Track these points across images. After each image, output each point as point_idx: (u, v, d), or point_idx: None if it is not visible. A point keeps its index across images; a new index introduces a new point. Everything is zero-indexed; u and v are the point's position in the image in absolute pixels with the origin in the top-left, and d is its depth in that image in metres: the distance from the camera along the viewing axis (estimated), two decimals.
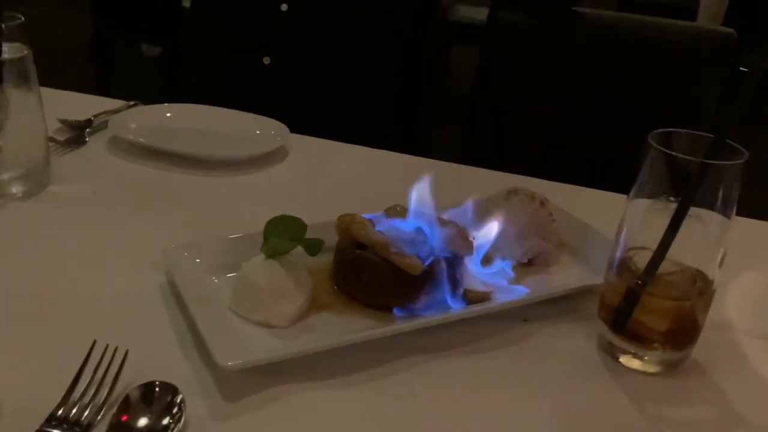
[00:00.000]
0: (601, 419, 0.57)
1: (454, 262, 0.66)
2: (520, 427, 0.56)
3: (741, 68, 0.55)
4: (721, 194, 0.58)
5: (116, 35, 3.31)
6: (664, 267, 0.59)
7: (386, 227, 0.68)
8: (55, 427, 0.49)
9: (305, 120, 1.04)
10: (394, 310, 0.64)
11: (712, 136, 0.57)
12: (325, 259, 0.69)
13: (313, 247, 0.64)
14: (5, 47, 0.77)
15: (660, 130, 0.59)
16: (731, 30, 1.29)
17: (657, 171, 0.58)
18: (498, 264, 0.71)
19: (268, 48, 1.24)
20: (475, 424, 0.55)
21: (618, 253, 0.62)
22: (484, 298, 0.66)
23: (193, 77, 1.42)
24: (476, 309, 0.65)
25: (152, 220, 0.80)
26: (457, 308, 0.65)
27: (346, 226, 0.67)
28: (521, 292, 0.68)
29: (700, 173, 0.56)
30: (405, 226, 0.68)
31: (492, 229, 0.71)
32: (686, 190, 0.57)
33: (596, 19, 1.34)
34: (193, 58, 1.43)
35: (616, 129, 1.24)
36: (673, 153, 0.57)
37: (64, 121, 0.99)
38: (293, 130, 1.02)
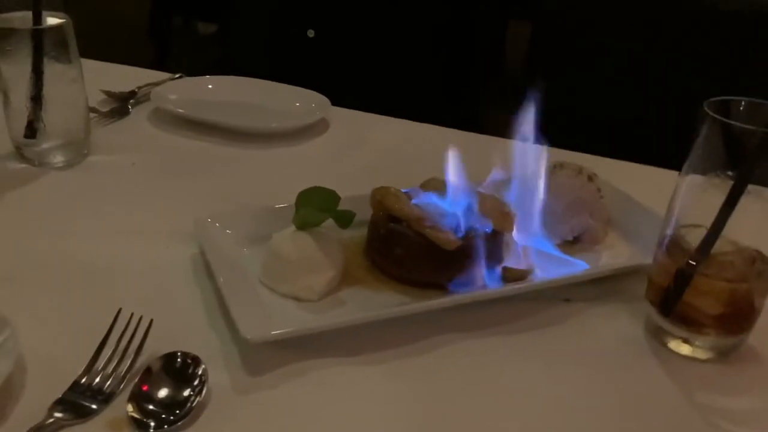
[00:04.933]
0: (647, 408, 0.54)
1: (493, 238, 0.63)
2: (559, 414, 0.53)
3: None
4: None
5: (173, 13, 3.34)
6: (719, 246, 0.55)
7: (422, 201, 0.65)
8: (78, 395, 0.49)
9: (350, 93, 1.02)
10: (428, 287, 0.62)
11: None
12: (360, 233, 0.67)
13: (344, 219, 0.62)
14: (45, 16, 0.77)
15: (716, 98, 0.54)
16: None
17: (712, 142, 0.54)
18: (541, 241, 0.67)
19: (313, 21, 1.22)
20: (509, 409, 0.53)
21: (669, 231, 0.58)
22: (523, 276, 0.63)
23: (243, 53, 1.42)
24: (514, 287, 0.62)
25: (190, 191, 0.79)
26: (493, 286, 0.62)
27: (380, 198, 0.65)
28: (564, 270, 0.64)
29: (760, 144, 0.52)
30: (442, 199, 0.65)
31: (536, 204, 0.68)
32: (745, 162, 0.53)
33: None
34: (242, 34, 1.42)
35: (674, 103, 1.18)
36: (731, 122, 0.53)
37: (108, 93, 0.99)
38: (338, 104, 0.99)
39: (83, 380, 0.50)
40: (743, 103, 0.56)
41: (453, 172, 0.65)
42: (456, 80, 1.30)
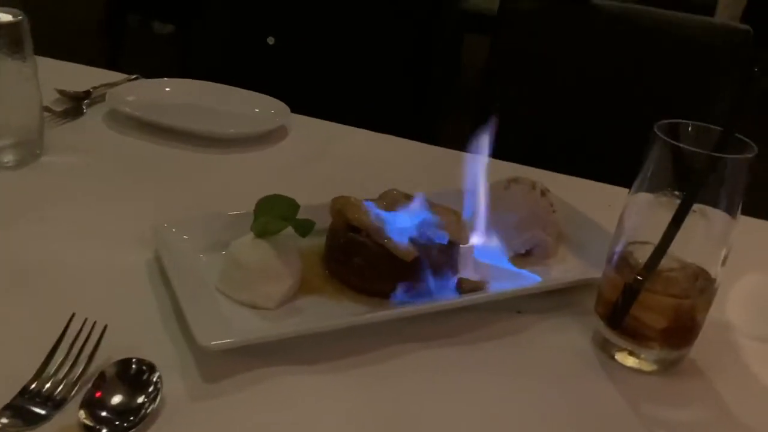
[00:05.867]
0: (593, 417, 0.55)
1: (449, 250, 0.64)
2: (509, 421, 0.54)
3: (754, 68, 0.52)
4: (727, 190, 0.56)
5: (128, 12, 3.29)
6: (665, 263, 0.57)
7: (381, 211, 0.66)
8: (27, 401, 0.48)
9: (311, 102, 1.02)
10: (385, 297, 0.62)
11: (720, 128, 0.55)
12: (318, 242, 0.67)
13: (304, 227, 0.62)
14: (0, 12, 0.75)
15: (666, 121, 0.57)
16: (748, 27, 1.26)
17: (661, 163, 0.56)
18: (494, 253, 0.69)
19: (273, 28, 1.22)
20: (462, 417, 0.54)
21: (618, 247, 0.60)
22: (478, 287, 0.64)
23: (201, 56, 1.41)
24: (469, 298, 0.63)
25: (145, 195, 0.79)
26: (449, 297, 0.63)
27: (339, 207, 0.65)
28: (516, 283, 0.66)
29: (706, 167, 0.54)
30: (401, 210, 0.66)
31: (490, 217, 0.70)
32: (691, 183, 0.55)
33: (610, 10, 1.31)
34: (201, 37, 1.41)
35: (625, 122, 1.22)
36: (679, 144, 0.55)
37: (62, 92, 0.98)
38: (299, 112, 1.00)
39: (33, 386, 0.49)
40: (691, 126, 0.58)
41: (412, 184, 0.66)
42: (416, 92, 1.32)
